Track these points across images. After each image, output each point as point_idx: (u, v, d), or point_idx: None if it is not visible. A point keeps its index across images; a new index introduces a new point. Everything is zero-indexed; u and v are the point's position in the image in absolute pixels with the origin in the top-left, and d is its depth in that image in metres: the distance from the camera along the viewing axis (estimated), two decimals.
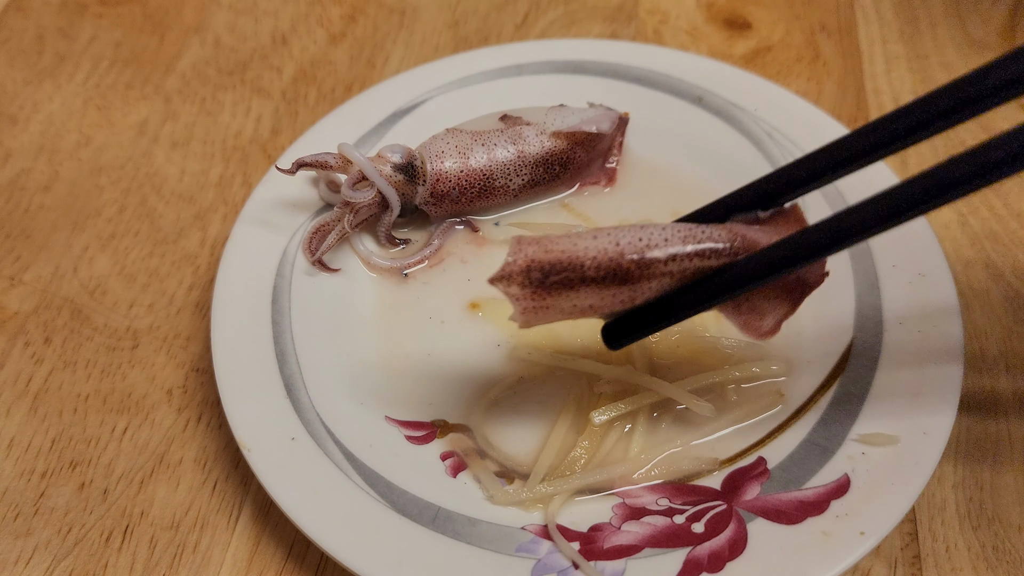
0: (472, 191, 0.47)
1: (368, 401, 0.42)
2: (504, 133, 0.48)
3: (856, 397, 0.40)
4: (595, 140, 0.48)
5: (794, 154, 0.49)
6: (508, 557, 0.36)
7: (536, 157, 0.48)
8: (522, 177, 0.48)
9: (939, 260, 0.43)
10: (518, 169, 0.47)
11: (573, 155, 0.48)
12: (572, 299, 0.34)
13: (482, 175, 0.47)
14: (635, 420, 0.41)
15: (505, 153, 0.47)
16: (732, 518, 0.37)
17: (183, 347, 0.46)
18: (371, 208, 0.46)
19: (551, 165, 0.48)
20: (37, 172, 0.54)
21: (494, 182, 0.47)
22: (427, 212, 0.48)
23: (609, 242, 0.33)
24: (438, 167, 0.46)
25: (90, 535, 0.40)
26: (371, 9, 0.64)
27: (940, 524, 0.40)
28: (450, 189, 0.47)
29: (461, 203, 0.47)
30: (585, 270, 0.33)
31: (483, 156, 0.47)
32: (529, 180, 0.48)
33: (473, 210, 0.48)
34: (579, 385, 0.42)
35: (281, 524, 0.40)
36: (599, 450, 0.40)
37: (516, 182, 0.48)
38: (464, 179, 0.47)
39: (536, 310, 0.34)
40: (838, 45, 0.61)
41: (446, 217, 0.48)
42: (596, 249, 0.33)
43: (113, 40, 0.62)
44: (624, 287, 0.34)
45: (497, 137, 0.47)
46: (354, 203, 0.45)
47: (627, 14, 0.64)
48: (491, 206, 0.49)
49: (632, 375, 0.41)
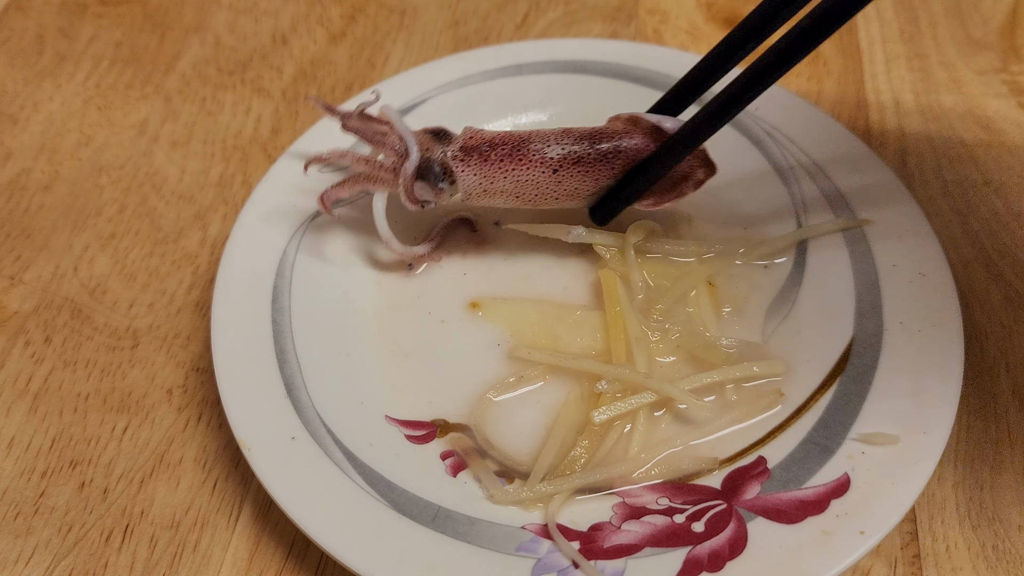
0: (503, 150, 0.43)
1: (368, 401, 0.42)
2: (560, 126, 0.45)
3: (856, 396, 0.40)
4: (654, 133, 0.43)
5: (793, 153, 0.49)
6: (508, 556, 0.36)
7: (582, 131, 0.44)
8: (562, 145, 0.43)
9: (939, 260, 0.43)
10: (559, 137, 0.43)
11: (627, 140, 0.43)
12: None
13: (518, 137, 0.43)
14: (635, 419, 0.41)
15: (551, 128, 0.44)
16: (732, 517, 0.37)
17: (183, 346, 0.46)
18: (389, 155, 0.43)
19: (597, 140, 0.43)
20: (37, 172, 0.54)
21: (529, 144, 0.43)
22: (454, 172, 0.43)
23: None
24: (474, 129, 0.44)
25: (90, 534, 0.40)
26: (371, 9, 0.64)
27: (940, 523, 0.40)
28: (480, 143, 0.43)
29: (490, 163, 0.43)
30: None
31: (526, 130, 0.44)
32: (570, 152, 0.43)
33: (504, 182, 0.43)
34: (579, 385, 0.42)
35: (281, 524, 0.40)
36: (599, 449, 0.40)
37: (555, 150, 0.43)
38: (498, 138, 0.43)
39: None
40: (838, 45, 0.61)
41: (475, 189, 0.43)
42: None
43: (113, 40, 0.62)
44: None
45: (547, 128, 0.45)
46: (361, 127, 0.43)
47: (627, 14, 0.64)
48: (526, 181, 0.43)
49: (632, 375, 0.41)
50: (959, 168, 0.53)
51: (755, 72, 0.38)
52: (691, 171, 0.44)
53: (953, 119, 0.56)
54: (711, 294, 0.45)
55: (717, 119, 0.40)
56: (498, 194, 0.44)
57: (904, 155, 0.54)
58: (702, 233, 0.48)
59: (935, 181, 0.53)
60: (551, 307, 0.45)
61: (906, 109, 0.57)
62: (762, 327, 0.44)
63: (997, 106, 0.56)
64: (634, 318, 0.43)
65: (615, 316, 0.43)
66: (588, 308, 0.45)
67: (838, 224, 0.46)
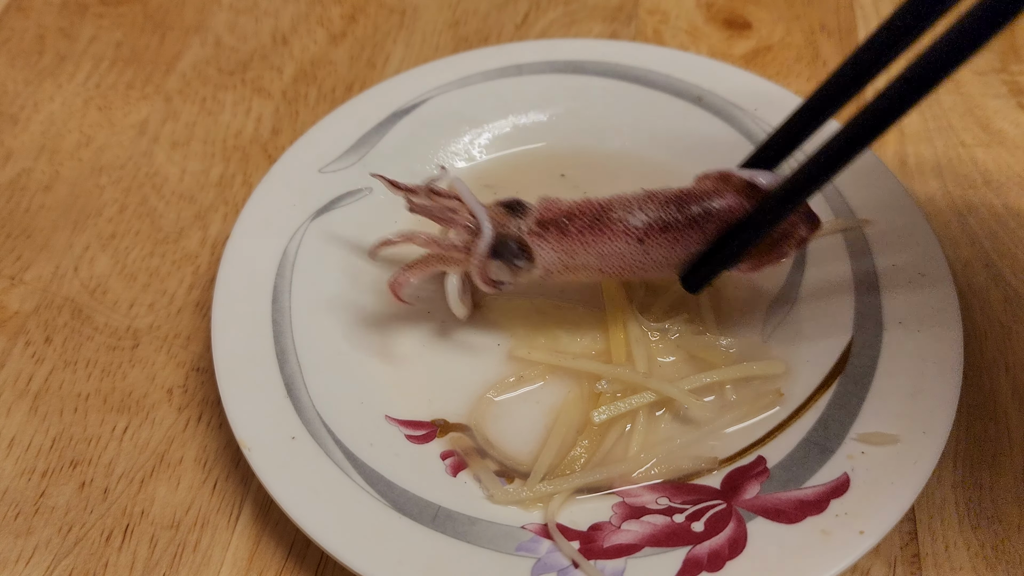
0: (582, 221, 0.39)
1: (368, 400, 0.42)
2: (642, 189, 0.41)
3: (856, 396, 0.40)
4: (748, 190, 0.39)
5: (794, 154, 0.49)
6: (508, 556, 0.36)
7: (669, 194, 0.39)
8: (647, 213, 0.39)
9: (939, 260, 0.43)
10: (643, 202, 0.39)
11: (718, 200, 0.39)
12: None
13: (598, 205, 0.40)
14: (635, 419, 0.41)
15: (633, 193, 0.40)
16: (732, 517, 0.37)
17: (183, 346, 0.46)
18: (460, 233, 0.40)
19: (685, 203, 0.39)
20: (38, 172, 0.54)
21: (610, 212, 0.39)
22: (532, 249, 0.40)
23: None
24: (550, 199, 0.41)
25: (90, 534, 0.40)
26: (371, 9, 0.64)
27: (940, 523, 0.40)
28: (558, 215, 0.39)
29: (570, 237, 0.39)
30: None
31: (606, 196, 0.40)
32: (656, 218, 0.39)
33: (587, 256, 0.40)
34: (579, 384, 0.42)
35: (281, 523, 0.40)
36: (599, 449, 0.40)
37: (639, 218, 0.39)
38: (576, 208, 0.40)
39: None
40: (838, 45, 0.61)
41: (556, 265, 0.40)
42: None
43: (114, 40, 0.62)
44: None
45: (630, 192, 0.41)
46: (430, 205, 0.40)
47: (627, 14, 0.64)
48: (610, 255, 0.39)
49: (632, 375, 0.41)
50: (959, 168, 0.53)
51: (865, 119, 0.34)
52: (791, 228, 0.39)
53: (953, 119, 0.56)
54: (710, 294, 0.45)
55: (823, 172, 0.35)
56: (581, 269, 0.40)
57: (904, 155, 0.54)
58: None
59: (935, 181, 0.53)
60: (551, 307, 0.45)
61: None
62: (762, 327, 0.44)
63: (997, 106, 0.56)
64: (634, 318, 0.43)
65: (615, 316, 0.43)
66: (588, 308, 0.45)
67: (838, 224, 0.46)
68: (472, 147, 0.52)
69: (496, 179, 0.51)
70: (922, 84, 0.33)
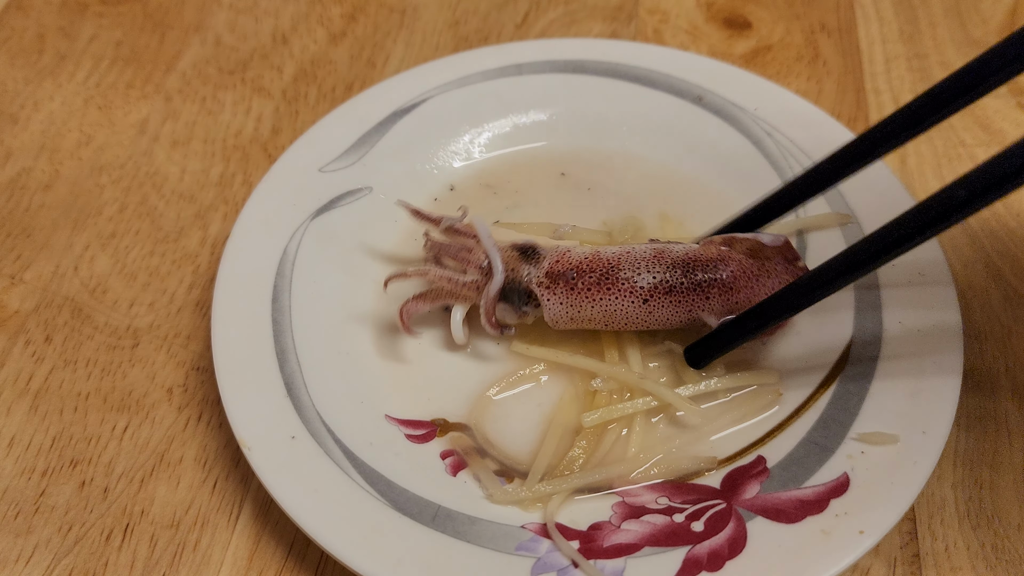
0: (591, 277, 0.41)
1: (368, 400, 0.42)
2: (649, 244, 0.42)
3: (855, 396, 0.40)
4: (758, 252, 0.41)
5: (794, 153, 0.49)
6: (508, 556, 0.36)
7: (676, 257, 0.41)
8: (653, 274, 0.40)
9: (939, 260, 0.43)
10: (650, 264, 0.41)
11: (723, 269, 0.41)
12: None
13: (607, 262, 0.41)
14: (631, 423, 0.41)
15: (642, 252, 0.41)
16: (731, 517, 0.37)
17: (183, 346, 0.46)
18: (472, 272, 0.42)
19: (692, 269, 0.41)
20: (38, 171, 0.54)
21: (618, 272, 0.41)
22: (540, 299, 0.41)
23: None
24: (562, 252, 0.42)
25: (90, 533, 0.40)
26: (371, 8, 0.64)
27: (939, 523, 0.40)
28: (567, 269, 0.41)
29: (577, 292, 0.41)
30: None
31: (616, 251, 0.42)
32: (661, 280, 0.40)
33: (592, 311, 0.41)
34: (573, 384, 0.42)
35: (281, 523, 0.40)
36: (597, 450, 0.40)
37: (646, 279, 0.40)
38: (586, 263, 0.41)
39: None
40: (838, 45, 0.61)
41: (562, 317, 0.41)
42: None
43: (114, 39, 0.62)
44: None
45: (639, 245, 0.42)
46: (447, 243, 0.42)
47: (627, 14, 0.64)
48: (614, 311, 0.41)
49: (627, 374, 0.41)
50: (959, 168, 0.53)
51: (906, 226, 0.33)
52: None
53: (953, 119, 0.56)
54: None
55: (848, 272, 0.35)
56: (586, 321, 0.42)
57: (904, 155, 0.54)
58: (691, 232, 0.48)
59: (935, 181, 0.53)
60: None
61: None
62: None
63: (996, 106, 0.56)
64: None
65: None
66: None
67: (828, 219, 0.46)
68: (472, 146, 0.52)
69: (496, 178, 0.51)
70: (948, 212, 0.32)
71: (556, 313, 0.41)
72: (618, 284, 0.41)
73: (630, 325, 0.41)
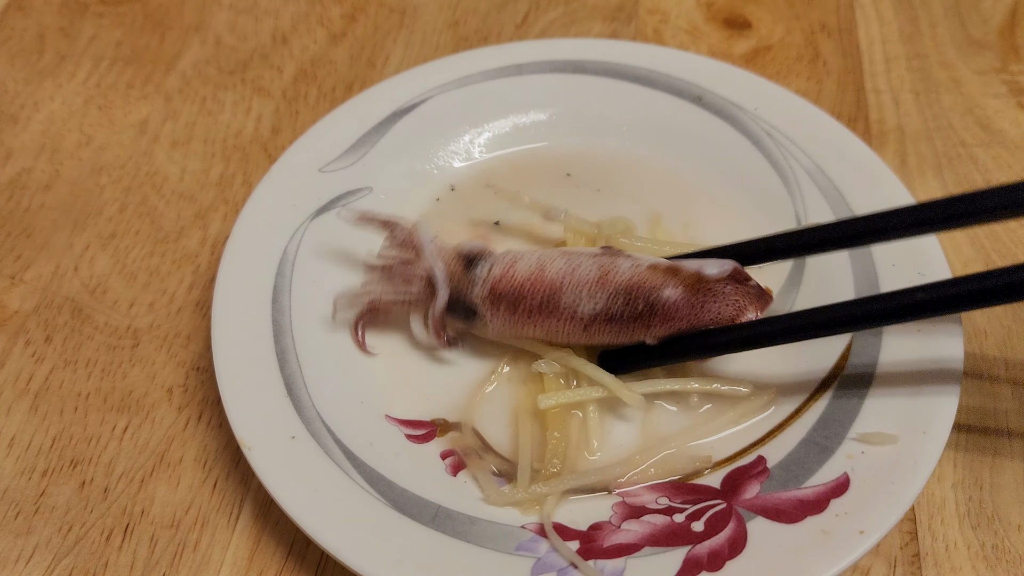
0: (532, 301, 0.40)
1: (368, 400, 0.42)
2: (597, 257, 0.41)
3: (855, 396, 0.40)
4: (700, 284, 0.39)
5: (794, 153, 0.49)
6: (508, 556, 0.36)
7: (619, 284, 0.40)
8: (595, 302, 0.40)
9: (939, 260, 0.43)
10: (592, 292, 0.40)
11: (666, 296, 0.39)
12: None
13: (549, 286, 0.40)
14: (585, 408, 0.41)
15: (586, 273, 0.40)
16: (732, 517, 0.37)
17: (183, 346, 0.46)
18: (416, 284, 0.43)
19: (634, 299, 0.39)
20: (38, 171, 0.54)
21: (560, 298, 0.40)
22: (482, 317, 0.42)
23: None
24: (507, 266, 0.41)
25: (90, 534, 0.40)
26: (371, 8, 0.64)
27: (940, 523, 0.40)
28: (510, 290, 0.41)
29: (519, 314, 0.41)
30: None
31: (561, 268, 0.41)
32: (603, 309, 0.40)
33: (533, 331, 0.41)
34: (517, 368, 0.43)
35: (281, 523, 0.40)
36: (569, 439, 0.40)
37: (587, 307, 0.40)
38: (528, 284, 0.41)
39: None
40: (838, 45, 0.61)
41: (504, 334, 0.42)
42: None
43: (114, 39, 0.62)
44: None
45: (586, 259, 0.41)
46: (388, 263, 0.42)
47: (627, 14, 0.64)
48: (554, 332, 0.41)
49: (570, 359, 0.41)
50: (959, 168, 0.53)
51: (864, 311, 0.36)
52: (739, 313, 0.40)
53: (953, 119, 0.56)
54: None
55: (772, 337, 0.38)
56: (527, 336, 0.42)
57: (904, 155, 0.54)
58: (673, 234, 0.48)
59: (935, 181, 0.53)
60: None
61: (906, 109, 0.57)
62: None
63: (997, 106, 0.57)
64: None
65: None
66: None
67: None
68: (472, 146, 0.52)
69: (496, 178, 0.51)
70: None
71: (497, 329, 0.42)
72: (559, 311, 0.40)
73: (571, 342, 0.42)
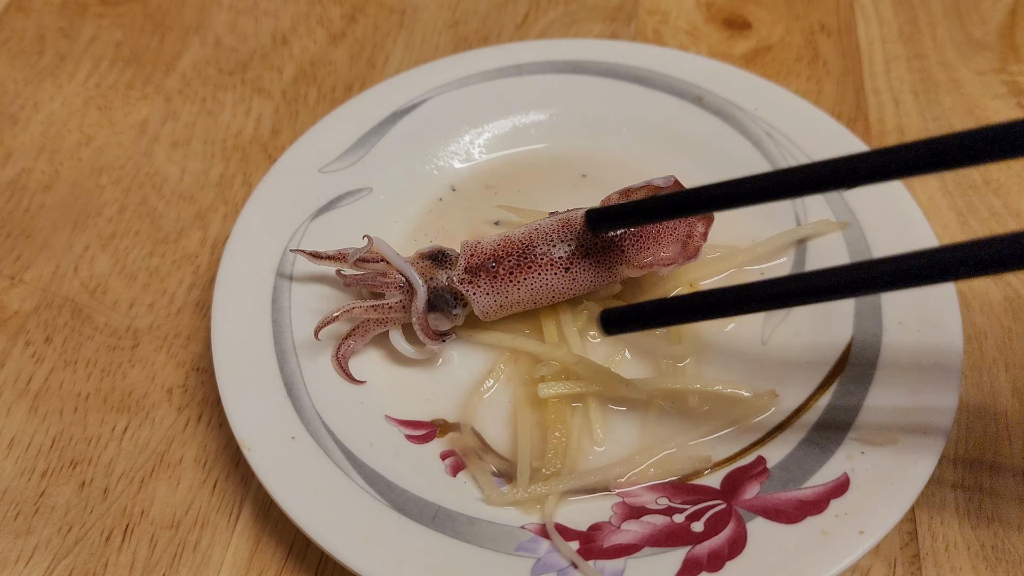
0: (509, 261, 0.41)
1: (368, 401, 0.42)
2: (552, 215, 0.43)
3: (855, 396, 0.40)
4: (655, 193, 0.42)
5: (793, 153, 0.49)
6: (508, 556, 0.36)
7: (581, 221, 0.42)
8: (567, 243, 0.41)
9: None
10: (561, 234, 0.42)
11: None
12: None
13: (519, 243, 0.42)
14: (585, 400, 0.41)
15: (549, 225, 0.42)
16: (731, 517, 0.37)
17: (183, 346, 0.46)
18: (394, 294, 0.42)
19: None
20: (38, 172, 0.54)
21: (534, 249, 0.41)
22: (465, 296, 0.42)
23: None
24: (473, 246, 0.42)
25: (90, 534, 0.40)
26: (371, 9, 0.64)
27: (939, 523, 0.40)
28: (485, 259, 0.41)
29: (500, 278, 0.41)
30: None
31: (524, 231, 0.42)
32: (576, 246, 0.41)
33: (519, 293, 0.42)
34: (518, 368, 0.43)
35: (281, 523, 0.40)
36: (571, 436, 0.40)
37: (561, 249, 0.41)
38: (500, 248, 0.42)
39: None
40: (838, 45, 0.61)
41: (491, 308, 0.42)
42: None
43: (114, 40, 0.62)
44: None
45: (544, 220, 0.43)
46: (366, 281, 0.42)
47: (627, 14, 0.64)
48: (541, 289, 0.42)
49: (565, 356, 0.41)
50: None
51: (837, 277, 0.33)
52: (691, 228, 0.43)
53: (953, 119, 0.56)
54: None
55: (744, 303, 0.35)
56: (515, 305, 0.42)
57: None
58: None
59: (935, 181, 0.53)
60: None
61: (906, 109, 0.57)
62: (761, 328, 0.44)
63: (996, 106, 0.56)
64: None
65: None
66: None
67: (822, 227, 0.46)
68: (472, 147, 0.52)
69: (497, 179, 0.51)
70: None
71: (484, 305, 0.42)
72: (537, 260, 0.41)
73: (557, 297, 0.42)
